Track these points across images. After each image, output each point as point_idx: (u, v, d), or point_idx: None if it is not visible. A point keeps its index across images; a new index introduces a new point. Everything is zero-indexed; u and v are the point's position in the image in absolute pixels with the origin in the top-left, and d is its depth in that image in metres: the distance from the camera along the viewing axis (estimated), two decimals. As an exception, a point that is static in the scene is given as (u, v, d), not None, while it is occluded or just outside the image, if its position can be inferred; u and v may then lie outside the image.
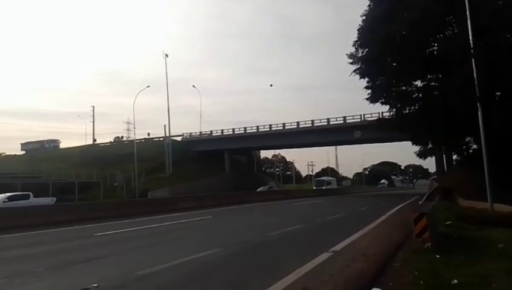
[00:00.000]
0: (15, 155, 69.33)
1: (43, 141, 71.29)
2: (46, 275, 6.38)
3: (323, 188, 56.86)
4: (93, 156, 56.32)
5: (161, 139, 58.13)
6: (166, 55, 54.49)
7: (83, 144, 71.50)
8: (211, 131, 60.73)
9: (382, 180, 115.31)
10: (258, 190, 47.57)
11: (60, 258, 7.82)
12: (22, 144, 73.16)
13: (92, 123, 71.92)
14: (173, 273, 6.24)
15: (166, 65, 54.90)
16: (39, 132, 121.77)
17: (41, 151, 65.53)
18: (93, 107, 72.00)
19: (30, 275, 6.30)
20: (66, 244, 10.00)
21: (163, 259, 7.13)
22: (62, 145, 73.01)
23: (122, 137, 79.74)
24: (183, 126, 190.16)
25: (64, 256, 8.12)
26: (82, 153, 59.29)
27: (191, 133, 62.42)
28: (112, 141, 77.16)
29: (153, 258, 7.45)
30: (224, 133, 58.31)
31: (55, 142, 72.47)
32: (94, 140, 72.48)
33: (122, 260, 7.71)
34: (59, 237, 11.49)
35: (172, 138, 56.06)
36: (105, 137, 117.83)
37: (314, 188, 58.54)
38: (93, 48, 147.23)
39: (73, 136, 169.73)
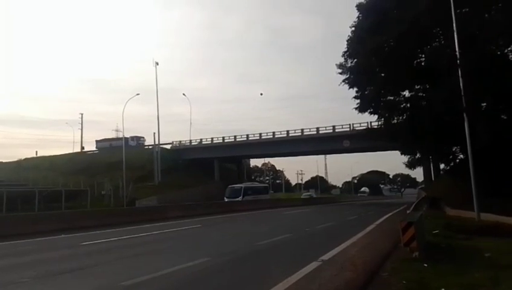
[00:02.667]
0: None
1: (127, 137, 63.12)
2: (32, 285, 6.27)
3: (239, 199, 38.14)
4: (81, 164, 55.61)
5: (150, 147, 57.56)
6: (157, 63, 54.39)
7: (71, 151, 70.28)
8: (201, 139, 60.50)
9: (363, 188, 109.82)
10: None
11: (45, 268, 7.68)
12: (97, 141, 69.85)
13: (80, 131, 71.28)
14: (160, 284, 6.18)
15: (156, 73, 54.47)
16: (27, 139, 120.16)
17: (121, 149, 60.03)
18: (82, 114, 71.32)
19: (15, 286, 6.18)
20: (52, 254, 9.83)
21: (150, 269, 7.06)
22: (50, 153, 71.89)
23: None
24: (175, 135, 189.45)
25: (50, 266, 7.98)
26: (70, 161, 58.46)
27: (180, 141, 62.07)
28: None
29: (141, 268, 7.36)
30: (214, 142, 58.15)
31: (139, 139, 66.83)
32: (82, 148, 71.76)
33: (109, 270, 7.60)
34: (45, 247, 11.28)
35: (161, 146, 55.62)
36: (94, 145, 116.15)
37: (226, 200, 38.70)
38: (85, 56, 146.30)
39: (61, 144, 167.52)
